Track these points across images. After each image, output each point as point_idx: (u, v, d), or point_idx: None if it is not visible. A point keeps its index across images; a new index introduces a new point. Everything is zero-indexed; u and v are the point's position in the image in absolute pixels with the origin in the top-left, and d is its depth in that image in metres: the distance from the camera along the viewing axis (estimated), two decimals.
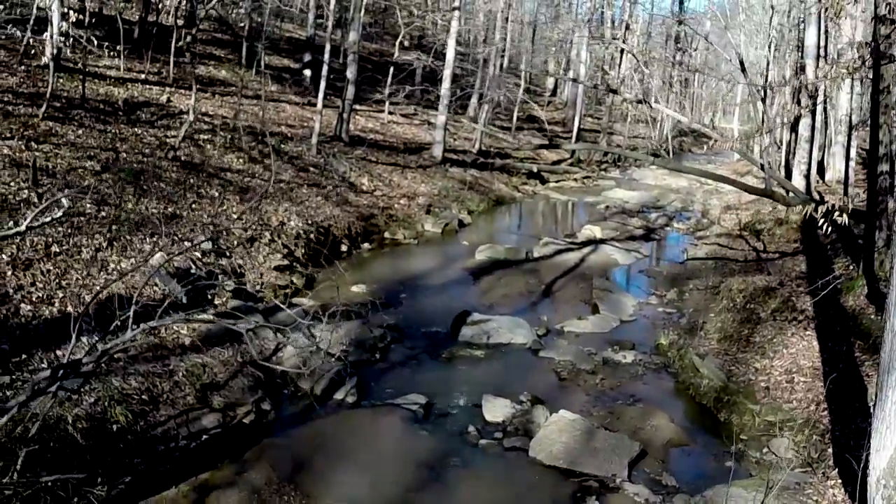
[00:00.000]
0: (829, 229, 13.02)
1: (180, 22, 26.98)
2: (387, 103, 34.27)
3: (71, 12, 18.53)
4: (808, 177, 25.60)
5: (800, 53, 32.97)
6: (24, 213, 12.97)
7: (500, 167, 34.12)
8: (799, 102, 28.51)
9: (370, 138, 29.40)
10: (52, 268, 12.19)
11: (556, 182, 37.51)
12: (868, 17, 21.97)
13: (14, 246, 12.06)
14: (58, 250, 12.71)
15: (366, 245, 21.07)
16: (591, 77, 52.81)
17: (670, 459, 10.61)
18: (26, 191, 13.89)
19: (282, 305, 11.99)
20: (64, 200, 8.94)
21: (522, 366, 13.70)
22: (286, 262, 17.30)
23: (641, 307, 17.86)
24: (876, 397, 8.06)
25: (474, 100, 40.78)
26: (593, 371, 13.59)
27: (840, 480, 9.30)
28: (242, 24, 29.81)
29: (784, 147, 32.97)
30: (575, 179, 38.96)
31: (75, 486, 8.09)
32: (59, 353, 10.20)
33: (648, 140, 58.56)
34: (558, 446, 10.27)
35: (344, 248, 20.13)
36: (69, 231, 13.39)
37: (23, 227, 8.27)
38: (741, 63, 23.10)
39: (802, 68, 25.99)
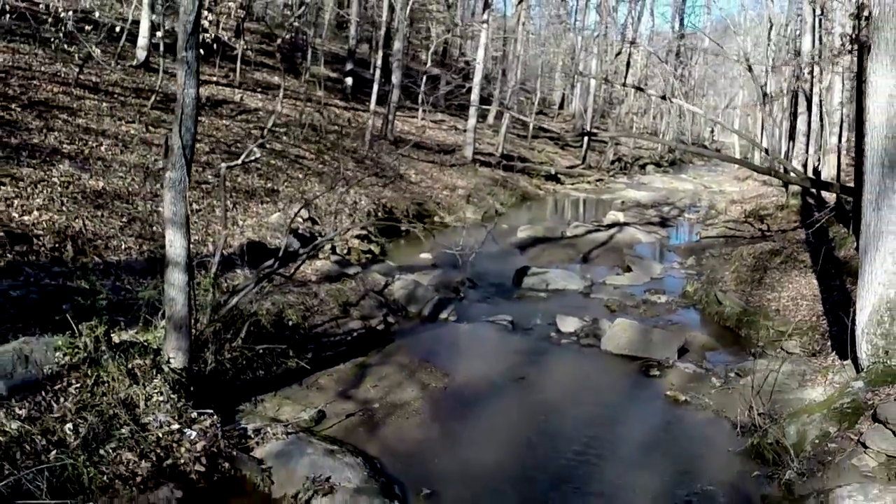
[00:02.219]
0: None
1: (228, 35, 30.08)
2: (420, 109, 37.52)
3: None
4: (805, 166, 28.65)
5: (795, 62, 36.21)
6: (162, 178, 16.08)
7: (521, 169, 37.40)
8: (795, 101, 31.74)
9: (409, 139, 32.60)
10: (197, 220, 15.24)
11: (572, 184, 40.73)
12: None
13: (161, 201, 15.11)
14: (198, 208, 15.79)
15: (420, 225, 24.10)
16: (598, 89, 56.20)
17: (706, 355, 13.65)
18: (161, 161, 16.96)
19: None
20: (255, 150, 12.02)
21: (579, 302, 16.79)
22: (363, 232, 20.37)
23: (666, 270, 20.93)
24: (859, 272, 11.19)
25: (493, 110, 43.95)
26: (636, 306, 16.69)
27: (838, 357, 12.35)
28: (288, 37, 32.83)
29: (782, 153, 36.13)
30: (588, 182, 42.14)
31: (277, 354, 11.12)
32: (225, 278, 13.19)
33: (652, 150, 62.05)
34: (623, 340, 13.37)
35: (403, 227, 23.16)
36: (201, 196, 16.45)
37: (240, 161, 11.41)
38: (747, 62, 26.34)
39: (799, 72, 29.06)
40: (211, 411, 8.71)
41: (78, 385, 8.17)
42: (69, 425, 7.61)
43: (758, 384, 10.72)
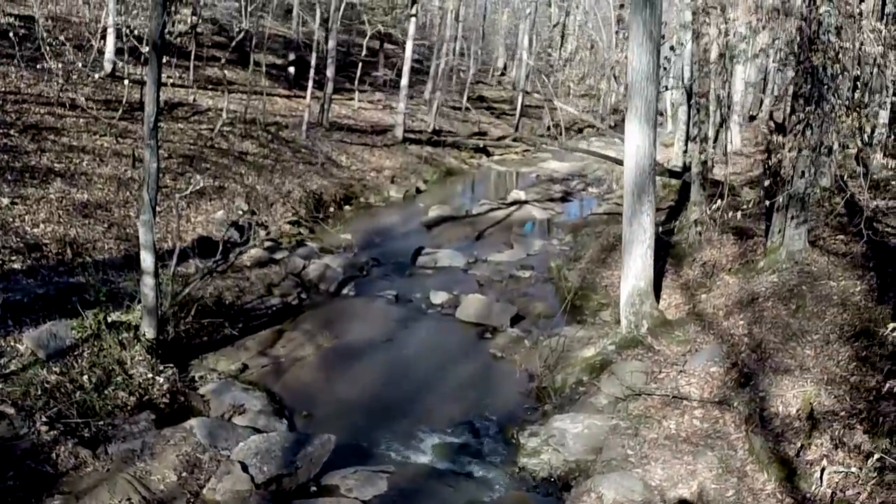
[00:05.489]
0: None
1: (184, 28, 35.01)
2: (356, 93, 42.79)
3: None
4: (685, 152, 34.09)
5: None
6: (133, 187, 21.31)
7: (451, 143, 42.83)
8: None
9: (345, 123, 38.00)
10: (159, 220, 20.49)
11: (500, 155, 46.21)
12: None
13: (136, 207, 20.43)
14: (159, 210, 21.04)
15: (347, 207, 29.62)
16: (538, 57, 61.46)
17: (538, 321, 19.20)
18: (130, 171, 22.21)
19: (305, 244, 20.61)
20: (199, 179, 17.42)
21: (457, 278, 22.36)
22: (294, 218, 25.82)
23: (545, 246, 26.53)
24: (622, 267, 16.83)
25: (429, 85, 49.15)
26: (501, 280, 22.26)
27: None
28: (238, 29, 37.52)
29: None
30: (516, 153, 47.64)
31: (217, 326, 16.61)
32: (179, 268, 18.55)
33: (593, 112, 67.38)
34: (471, 311, 19.00)
35: (332, 209, 28.65)
36: (161, 198, 21.71)
37: (188, 192, 16.85)
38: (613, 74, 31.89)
39: None
40: (172, 365, 14.27)
41: (88, 351, 13.68)
42: (85, 376, 13.11)
43: (552, 345, 16.41)
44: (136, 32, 26.25)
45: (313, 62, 34.57)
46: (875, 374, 12.23)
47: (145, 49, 24.76)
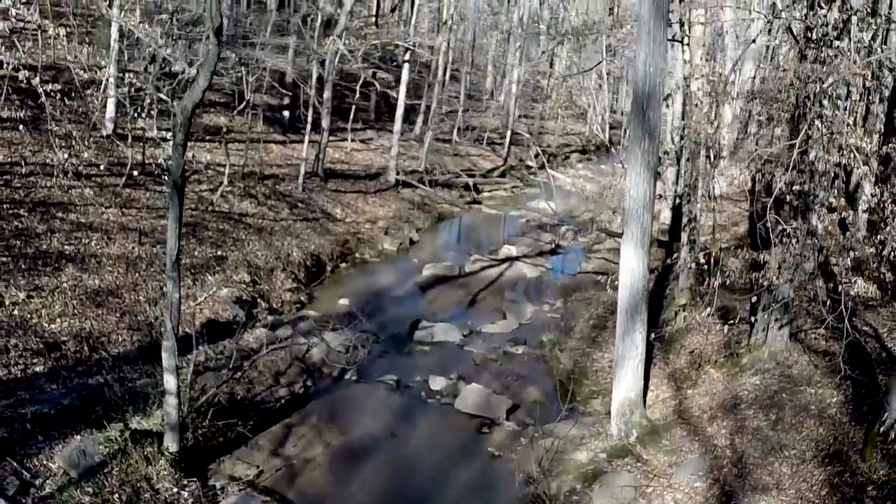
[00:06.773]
0: None
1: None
2: (349, 136, 44.07)
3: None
4: (672, 209, 35.38)
5: None
6: (140, 266, 22.42)
7: (441, 182, 44.16)
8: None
9: (339, 169, 39.29)
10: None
11: (490, 192, 47.62)
12: None
13: (145, 289, 21.60)
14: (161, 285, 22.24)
15: (343, 265, 30.90)
16: (526, 83, 62.83)
17: (533, 410, 20.39)
18: (136, 248, 23.36)
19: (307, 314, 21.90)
20: (213, 282, 18.61)
21: (453, 356, 23.66)
22: (294, 284, 27.06)
23: (536, 313, 27.81)
24: (613, 377, 18.13)
25: (420, 120, 50.49)
26: (496, 359, 23.55)
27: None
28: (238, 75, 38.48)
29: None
30: (505, 189, 48.98)
31: (231, 425, 17.79)
32: (190, 356, 19.69)
33: (580, 136, 68.88)
34: (469, 402, 20.29)
35: (328, 268, 29.91)
36: (159, 269, 22.87)
37: (202, 300, 18.09)
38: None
39: None
40: (195, 479, 15.50)
41: (117, 469, 14.91)
42: (116, 495, 14.34)
43: (547, 446, 17.65)
44: (138, 113, 27.10)
45: (310, 117, 35.73)
46: None
47: (146, 121, 25.95)
